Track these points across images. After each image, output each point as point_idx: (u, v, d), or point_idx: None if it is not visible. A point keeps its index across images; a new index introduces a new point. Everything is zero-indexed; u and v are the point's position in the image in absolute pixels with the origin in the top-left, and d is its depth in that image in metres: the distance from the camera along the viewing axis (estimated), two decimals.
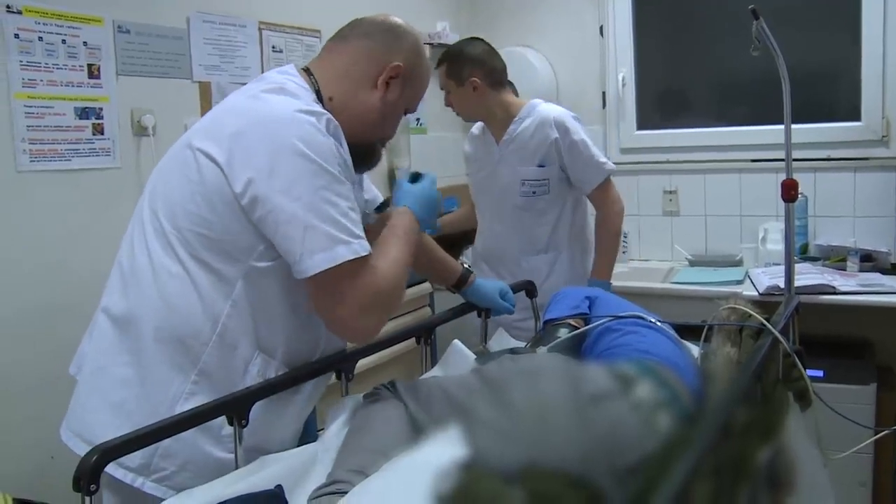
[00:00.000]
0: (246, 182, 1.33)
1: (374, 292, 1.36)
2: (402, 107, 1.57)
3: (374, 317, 1.39)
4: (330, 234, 1.32)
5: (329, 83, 1.51)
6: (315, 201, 1.32)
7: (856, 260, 2.98)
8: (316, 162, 1.33)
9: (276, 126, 1.35)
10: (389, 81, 1.51)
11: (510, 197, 2.68)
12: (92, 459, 1.15)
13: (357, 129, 1.49)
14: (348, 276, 1.33)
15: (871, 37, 3.14)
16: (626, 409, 1.18)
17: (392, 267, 1.43)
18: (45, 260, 2.01)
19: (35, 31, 1.98)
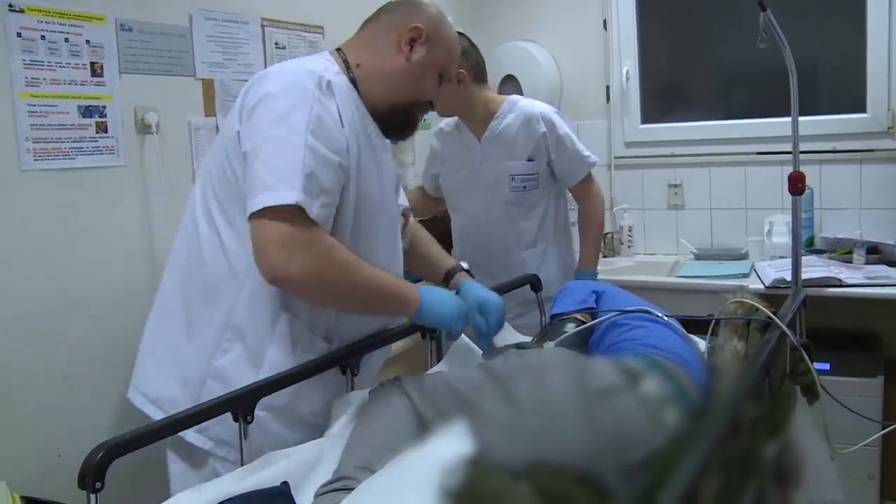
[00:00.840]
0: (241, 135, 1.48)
1: (297, 240, 1.38)
2: (433, 70, 1.66)
3: (295, 263, 1.38)
4: (263, 181, 1.38)
5: (356, 53, 1.64)
6: (264, 146, 1.41)
7: (862, 252, 2.97)
8: (282, 111, 1.42)
9: (270, 83, 1.48)
10: (412, 44, 1.61)
11: (499, 193, 2.66)
12: (97, 457, 1.15)
13: (388, 90, 1.62)
14: (275, 218, 1.37)
15: (877, 28, 3.13)
16: (633, 403, 1.18)
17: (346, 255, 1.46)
18: (51, 259, 2.01)
19: (37, 29, 1.98)
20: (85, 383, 2.08)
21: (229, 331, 1.53)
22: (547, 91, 3.76)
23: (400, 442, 1.26)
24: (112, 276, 2.13)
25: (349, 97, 1.55)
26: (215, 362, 1.53)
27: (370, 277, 1.49)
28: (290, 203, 1.35)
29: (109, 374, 2.07)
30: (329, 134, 1.44)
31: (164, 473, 1.70)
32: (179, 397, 1.56)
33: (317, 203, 1.40)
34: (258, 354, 1.52)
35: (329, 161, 1.43)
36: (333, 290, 1.46)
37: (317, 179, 1.40)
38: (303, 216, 1.37)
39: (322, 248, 1.40)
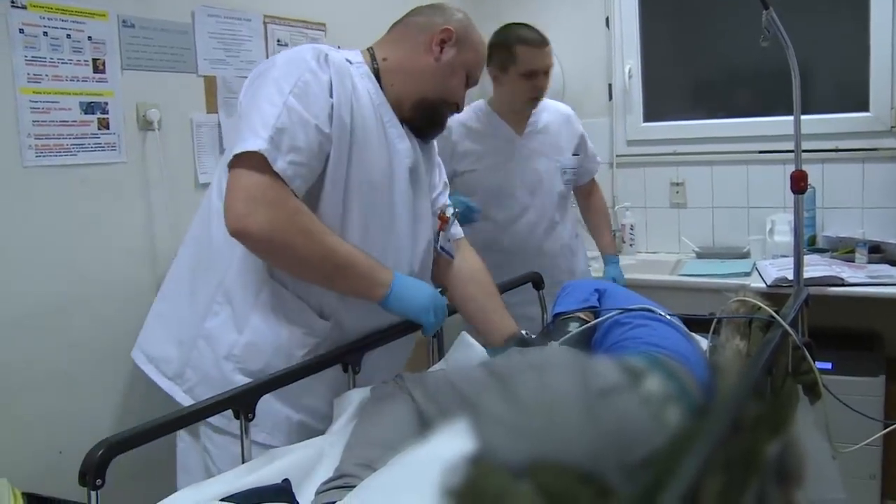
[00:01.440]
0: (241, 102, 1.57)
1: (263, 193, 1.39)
2: (462, 71, 1.70)
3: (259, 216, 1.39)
4: (241, 134, 1.43)
5: (383, 50, 1.70)
6: (249, 106, 1.48)
7: (864, 251, 2.97)
8: (273, 76, 1.48)
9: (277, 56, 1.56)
10: (443, 45, 1.66)
11: (553, 186, 2.77)
12: (97, 454, 1.15)
13: (416, 86, 1.67)
14: (245, 167, 1.40)
15: (880, 26, 3.12)
16: (636, 402, 1.18)
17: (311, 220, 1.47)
18: (52, 255, 2.01)
19: (40, 25, 1.97)
20: (86, 380, 2.08)
21: (220, 293, 1.57)
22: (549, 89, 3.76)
23: (401, 440, 1.25)
24: (113, 273, 2.13)
25: (363, 84, 1.60)
26: (206, 324, 1.58)
27: (334, 249, 1.49)
28: (254, 150, 1.39)
29: (110, 372, 2.07)
30: (313, 98, 1.47)
31: (165, 470, 1.70)
32: (174, 358, 1.63)
33: (284, 157, 1.41)
34: (242, 319, 1.55)
35: (306, 122, 1.45)
36: (290, 252, 1.45)
37: (288, 135, 1.42)
38: (271, 172, 1.40)
39: (286, 208, 1.41)
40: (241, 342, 1.54)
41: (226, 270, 1.57)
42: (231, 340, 1.55)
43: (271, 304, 1.55)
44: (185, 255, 1.70)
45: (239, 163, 1.41)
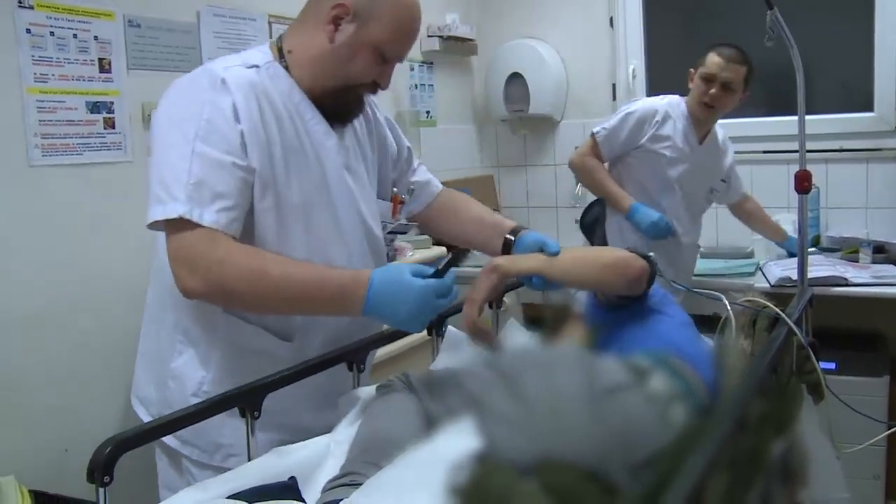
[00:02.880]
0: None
1: (190, 253, 1.33)
2: (367, 50, 1.47)
3: (194, 278, 1.33)
4: (154, 191, 1.35)
5: (289, 39, 1.53)
6: (157, 157, 1.39)
7: (868, 252, 2.97)
8: (173, 118, 1.39)
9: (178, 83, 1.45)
10: (338, 23, 1.45)
11: (700, 197, 2.96)
12: (105, 451, 1.15)
13: (318, 75, 1.49)
14: (171, 232, 1.35)
15: (885, 26, 3.13)
16: (641, 401, 1.18)
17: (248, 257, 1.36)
18: (59, 254, 2.02)
19: (46, 25, 1.98)
20: (91, 378, 2.09)
21: (179, 332, 1.52)
22: (553, 89, 3.77)
23: (408, 438, 1.26)
24: (118, 272, 2.14)
25: (277, 86, 1.47)
26: (171, 364, 1.53)
27: (286, 279, 1.36)
28: (175, 217, 1.32)
29: (115, 370, 2.08)
30: (220, 135, 1.37)
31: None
32: (154, 399, 1.58)
33: (210, 209, 1.33)
34: (206, 356, 1.51)
35: (221, 163, 1.36)
36: (243, 297, 1.38)
37: (207, 185, 1.34)
38: (194, 227, 1.33)
39: (213, 258, 1.33)
40: (209, 378, 1.50)
41: (182, 309, 1.51)
42: (199, 378, 1.50)
43: (231, 339, 1.49)
44: (150, 293, 1.63)
45: (167, 227, 1.35)
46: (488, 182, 4.05)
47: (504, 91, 3.82)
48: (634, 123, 2.85)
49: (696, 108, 2.82)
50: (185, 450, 1.53)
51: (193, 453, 1.52)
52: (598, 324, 1.60)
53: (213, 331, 1.50)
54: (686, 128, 2.85)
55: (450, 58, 3.81)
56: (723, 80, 2.72)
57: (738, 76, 2.73)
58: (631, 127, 2.85)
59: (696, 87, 2.80)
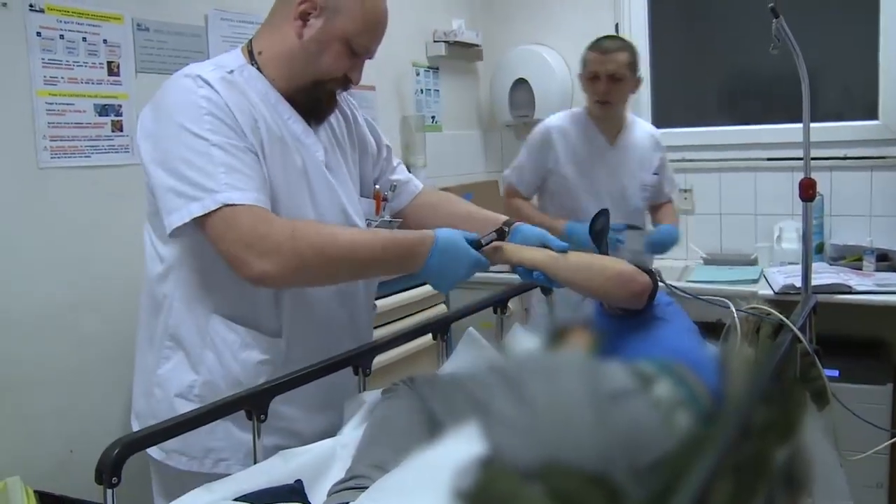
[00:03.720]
0: (142, 155, 1.42)
1: (255, 236, 1.32)
2: (336, 43, 1.47)
3: (265, 259, 1.31)
4: (180, 191, 1.34)
5: (259, 40, 1.53)
6: (170, 161, 1.36)
7: (872, 259, 2.97)
8: (175, 122, 1.36)
9: (157, 97, 1.44)
10: (306, 18, 1.46)
11: (632, 200, 2.85)
12: (114, 452, 1.16)
13: (289, 72, 1.49)
14: (216, 224, 1.33)
15: (890, 35, 3.13)
16: (646, 407, 1.19)
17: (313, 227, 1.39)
18: (66, 255, 2.03)
19: (57, 28, 2.00)
20: (97, 379, 2.10)
21: (167, 338, 1.51)
22: (558, 95, 3.77)
23: (413, 442, 1.26)
24: (125, 274, 2.14)
25: (253, 87, 1.47)
26: (159, 371, 1.51)
27: (353, 241, 1.40)
28: (216, 207, 1.32)
29: (121, 371, 2.07)
30: (225, 125, 1.38)
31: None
32: (144, 411, 1.55)
33: (250, 190, 1.35)
34: (197, 359, 1.49)
35: (239, 148, 1.38)
36: (318, 267, 1.38)
37: (237, 170, 1.36)
38: (240, 211, 1.33)
39: (283, 234, 1.33)
40: (199, 381, 1.48)
41: (168, 313, 1.50)
42: (188, 381, 1.49)
43: (220, 340, 1.48)
44: (141, 303, 1.60)
45: (207, 223, 1.33)
46: (493, 187, 4.06)
47: (509, 96, 3.83)
48: (535, 150, 2.84)
49: (594, 109, 2.79)
50: (171, 460, 1.50)
51: (181, 462, 1.49)
52: (603, 330, 1.60)
53: (202, 333, 1.48)
54: (592, 133, 2.82)
55: (455, 63, 3.82)
56: (607, 74, 2.69)
57: (620, 64, 2.69)
58: (533, 155, 2.85)
59: (586, 90, 2.78)
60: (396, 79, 3.46)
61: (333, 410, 1.59)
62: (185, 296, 1.49)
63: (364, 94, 3.21)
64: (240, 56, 1.52)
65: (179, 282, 1.49)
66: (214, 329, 1.48)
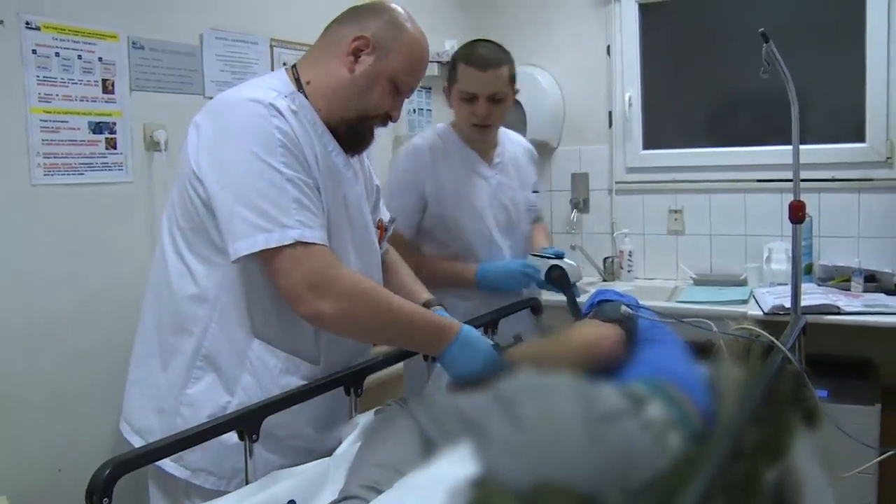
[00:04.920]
0: (199, 172, 1.43)
1: (323, 277, 1.38)
2: (384, 81, 1.55)
3: (325, 301, 1.37)
4: (251, 221, 1.37)
5: (307, 69, 1.58)
6: (241, 188, 1.38)
7: (860, 280, 2.99)
8: (248, 149, 1.39)
9: (221, 116, 1.46)
10: (358, 54, 1.53)
11: (521, 223, 2.52)
12: (105, 473, 1.16)
13: (335, 106, 1.55)
14: (283, 258, 1.37)
15: (876, 59, 3.17)
16: (637, 428, 1.20)
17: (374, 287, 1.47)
18: (58, 272, 2.03)
19: (52, 46, 2.00)
20: (86, 398, 2.08)
21: (199, 358, 1.51)
22: (550, 116, 3.80)
23: (406, 463, 1.26)
24: (116, 292, 2.14)
25: (305, 116, 1.51)
26: (187, 391, 1.52)
27: (400, 310, 1.48)
28: (290, 242, 1.36)
29: (111, 390, 2.06)
30: (296, 159, 1.42)
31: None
32: (156, 428, 1.54)
33: (318, 229, 1.40)
34: (232, 381, 1.51)
35: (308, 185, 1.43)
36: (364, 323, 1.45)
37: (307, 208, 1.40)
38: (307, 249, 1.38)
39: (347, 284, 1.40)
40: (234, 403, 1.50)
41: (202, 334, 1.51)
42: (223, 402, 1.50)
43: (260, 364, 1.51)
44: (149, 317, 1.60)
45: (272, 255, 1.37)
46: None
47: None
48: (409, 172, 2.36)
49: (471, 132, 2.36)
50: (198, 479, 1.51)
51: (208, 482, 1.50)
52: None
53: (241, 356, 1.51)
54: (466, 153, 2.40)
55: None
56: (488, 95, 2.26)
57: (502, 82, 2.27)
58: (408, 178, 2.36)
59: (459, 110, 2.33)
60: None
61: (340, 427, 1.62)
62: (225, 319, 1.50)
63: None
64: (288, 81, 1.56)
65: (219, 305, 1.50)
66: (255, 353, 1.51)
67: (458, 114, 2.36)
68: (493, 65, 2.24)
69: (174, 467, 1.50)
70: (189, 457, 1.48)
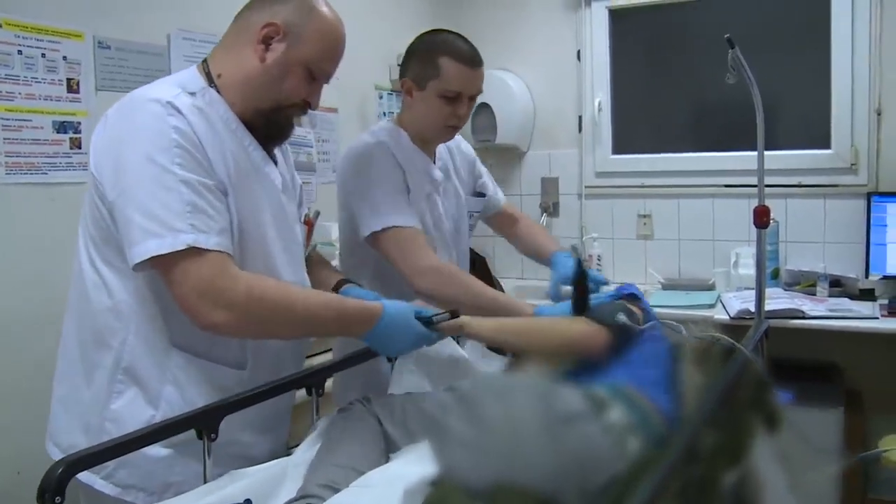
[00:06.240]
0: (100, 178, 1.38)
1: (212, 286, 1.31)
2: (299, 68, 1.49)
3: (220, 311, 1.32)
4: (143, 227, 1.31)
5: (217, 62, 1.51)
6: (134, 192, 1.32)
7: (825, 285, 3.03)
8: (143, 151, 1.33)
9: (121, 117, 1.40)
10: (268, 42, 1.47)
11: (463, 231, 2.26)
12: (57, 472, 1.14)
13: (248, 97, 1.49)
14: (175, 265, 1.31)
15: (840, 67, 3.22)
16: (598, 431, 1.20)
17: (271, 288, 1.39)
18: (21, 272, 2.00)
19: (14, 44, 1.98)
20: (48, 400, 2.05)
21: (120, 372, 1.44)
22: (520, 120, 3.82)
23: (366, 462, 1.26)
24: None
25: (216, 112, 1.45)
26: (112, 406, 1.44)
27: (308, 306, 1.43)
28: (182, 248, 1.30)
29: None
30: (195, 160, 1.36)
31: None
32: (83, 445, 1.41)
33: (213, 234, 1.34)
34: (155, 395, 1.45)
35: (207, 187, 1.37)
36: (269, 326, 1.40)
37: (203, 211, 1.34)
38: (201, 255, 1.32)
39: (239, 290, 1.33)
40: (158, 416, 1.43)
41: (120, 347, 1.43)
42: (146, 417, 1.42)
43: (181, 374, 1.45)
44: (70, 331, 1.53)
45: (166, 261, 1.31)
46: None
47: (471, 121, 3.85)
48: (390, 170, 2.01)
49: (438, 133, 2.07)
50: (129, 496, 1.44)
51: (139, 498, 1.44)
52: None
53: (162, 367, 1.44)
54: (418, 157, 2.08)
55: None
56: (472, 93, 2.03)
57: (483, 80, 2.06)
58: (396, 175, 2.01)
59: (434, 109, 2.00)
60: (359, 102, 3.47)
61: (279, 431, 1.59)
62: (142, 329, 1.43)
63: (326, 117, 3.22)
64: (198, 77, 1.49)
65: (134, 315, 1.43)
66: (176, 363, 1.45)
67: (430, 113, 2.02)
68: (480, 61, 2.04)
69: (104, 484, 1.43)
70: (118, 473, 1.42)
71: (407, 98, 2.05)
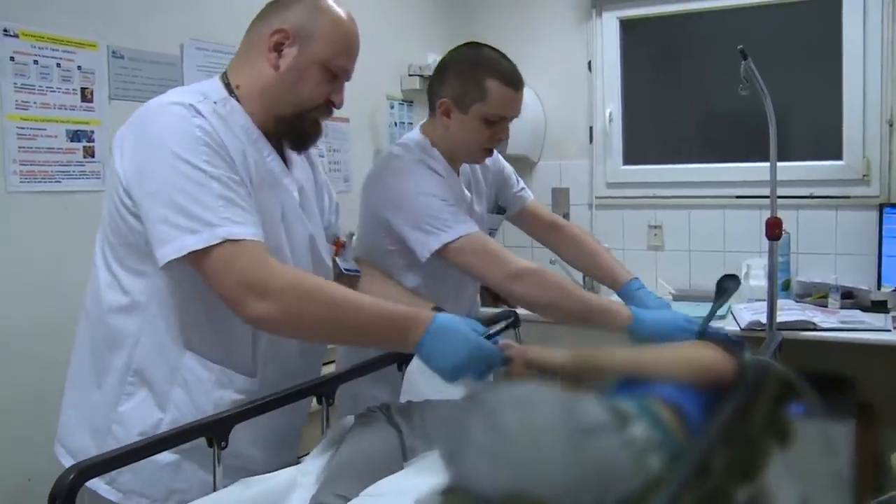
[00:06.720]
0: (126, 183, 1.37)
1: (255, 278, 1.31)
2: (314, 68, 1.48)
3: (264, 303, 1.31)
4: (177, 224, 1.31)
5: (235, 73, 1.52)
6: (165, 191, 1.32)
7: (837, 297, 3.01)
8: (169, 151, 1.33)
9: (142, 122, 1.40)
10: (279, 49, 1.46)
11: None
12: (68, 479, 1.14)
13: (268, 106, 1.49)
14: (215, 260, 1.31)
15: (852, 78, 3.21)
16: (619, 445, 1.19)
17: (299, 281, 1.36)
18: (33, 280, 2.01)
19: (31, 54, 2.00)
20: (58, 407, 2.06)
21: (130, 374, 1.44)
22: (531, 130, 3.82)
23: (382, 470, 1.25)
24: None
25: (236, 122, 1.46)
26: (119, 408, 1.44)
27: (353, 305, 1.39)
28: (218, 241, 1.30)
29: None
30: (221, 157, 1.37)
31: None
32: (90, 448, 1.45)
33: (249, 225, 1.34)
34: (163, 397, 1.44)
35: (235, 181, 1.37)
36: (312, 323, 1.38)
37: (236, 204, 1.34)
38: (239, 247, 1.31)
39: (285, 282, 1.33)
40: (167, 420, 1.43)
41: (132, 349, 1.43)
42: (154, 420, 1.43)
43: (193, 377, 1.44)
44: (83, 335, 1.53)
45: (202, 256, 1.31)
46: None
47: None
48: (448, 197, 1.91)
49: (473, 155, 2.03)
50: (131, 502, 1.44)
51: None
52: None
53: (173, 371, 1.44)
54: (449, 173, 2.00)
55: None
56: (514, 117, 1.99)
57: (522, 101, 1.99)
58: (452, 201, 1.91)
59: (473, 132, 1.93)
60: (371, 112, 3.48)
61: (289, 449, 1.59)
62: (155, 331, 1.43)
63: (338, 127, 3.23)
64: (220, 87, 1.50)
65: (149, 316, 1.43)
66: (187, 366, 1.44)
67: (469, 136, 1.94)
68: (523, 82, 1.96)
69: (107, 490, 1.42)
70: (121, 479, 1.42)
71: (443, 118, 1.95)
